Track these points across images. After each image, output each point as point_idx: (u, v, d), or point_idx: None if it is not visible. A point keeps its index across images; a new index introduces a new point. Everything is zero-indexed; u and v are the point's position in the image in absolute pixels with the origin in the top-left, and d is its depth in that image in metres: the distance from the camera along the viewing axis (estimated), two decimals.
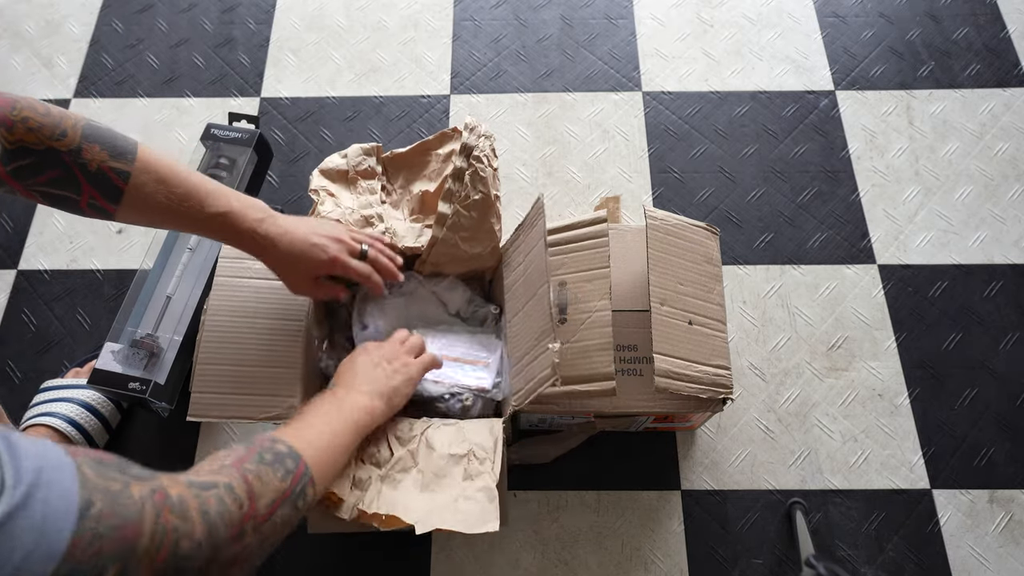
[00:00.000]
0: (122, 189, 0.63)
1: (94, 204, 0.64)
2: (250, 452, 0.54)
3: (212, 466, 0.51)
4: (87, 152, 0.61)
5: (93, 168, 0.62)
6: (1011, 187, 1.13)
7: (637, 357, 0.82)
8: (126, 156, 0.63)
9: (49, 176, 0.61)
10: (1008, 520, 0.91)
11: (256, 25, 1.29)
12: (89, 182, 0.62)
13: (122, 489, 0.39)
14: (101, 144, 0.62)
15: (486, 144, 0.81)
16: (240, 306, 0.81)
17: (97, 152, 0.62)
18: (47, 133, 0.60)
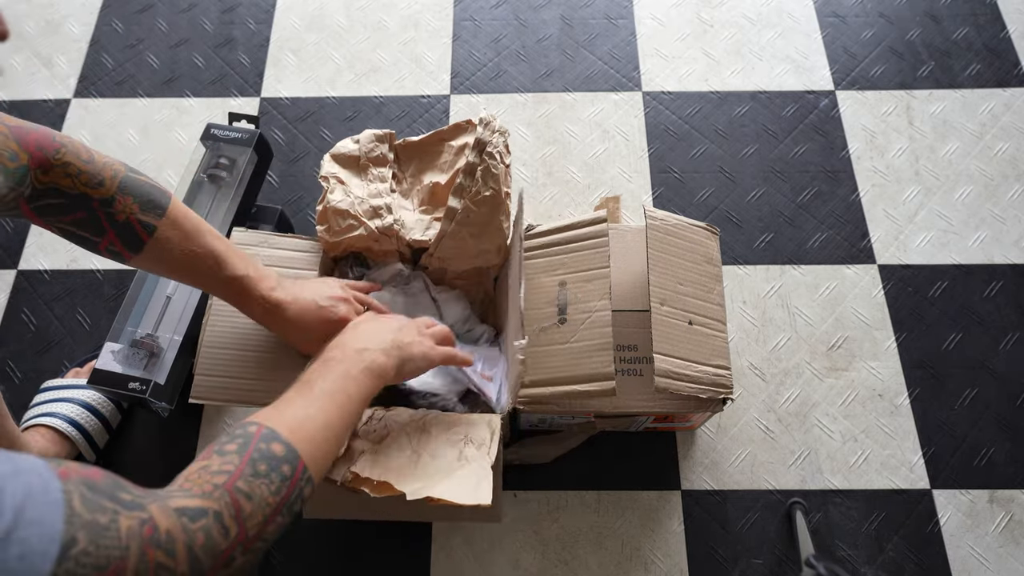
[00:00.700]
0: (145, 241, 0.64)
1: (112, 249, 0.65)
2: (244, 462, 0.50)
3: (204, 482, 0.48)
4: (119, 203, 0.62)
5: (121, 219, 0.63)
6: (1011, 187, 1.13)
7: (637, 357, 0.82)
8: (156, 210, 0.64)
9: (74, 217, 0.62)
10: (1008, 520, 0.91)
11: (256, 25, 1.29)
12: (113, 229, 0.63)
13: (109, 524, 0.38)
14: (135, 197, 0.63)
15: (499, 140, 0.81)
16: None
17: (129, 204, 0.63)
18: (85, 180, 0.60)
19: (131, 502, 0.40)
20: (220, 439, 0.53)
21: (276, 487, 0.51)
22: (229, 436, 0.53)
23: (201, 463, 0.49)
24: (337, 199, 0.85)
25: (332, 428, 0.59)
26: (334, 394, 0.61)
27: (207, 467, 0.49)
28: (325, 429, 0.58)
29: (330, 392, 0.61)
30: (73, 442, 0.88)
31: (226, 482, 0.48)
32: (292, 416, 0.57)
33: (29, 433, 0.86)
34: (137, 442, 0.96)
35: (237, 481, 0.48)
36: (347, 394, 0.62)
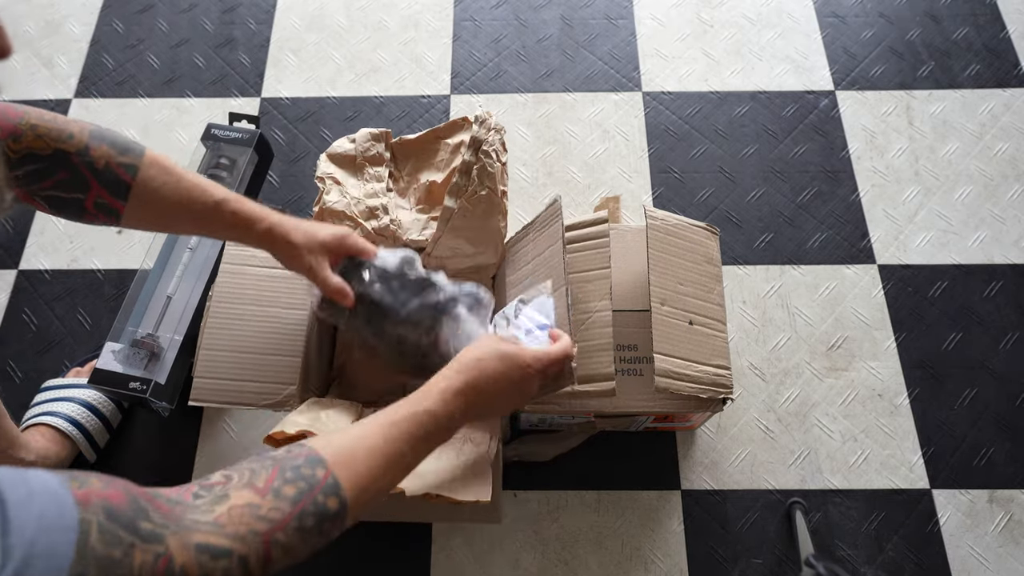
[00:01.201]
0: (129, 184, 0.63)
1: (101, 203, 0.63)
2: (294, 513, 0.46)
3: (242, 524, 0.44)
4: (95, 151, 0.62)
5: (101, 165, 0.62)
6: (1011, 187, 1.13)
7: (637, 357, 0.82)
8: (133, 152, 0.64)
9: (56, 179, 0.61)
10: (1008, 520, 0.91)
11: (256, 25, 1.29)
12: (97, 179, 0.62)
13: (122, 558, 0.36)
14: (108, 143, 0.63)
15: (496, 138, 0.81)
16: (245, 294, 0.82)
17: (105, 150, 0.62)
18: (55, 136, 0.60)
19: (150, 532, 0.38)
20: (284, 465, 0.48)
21: (313, 542, 0.49)
22: (295, 471, 0.48)
23: (252, 498, 0.45)
24: (333, 200, 0.85)
25: (386, 489, 0.56)
26: (412, 463, 0.58)
27: (256, 508, 0.45)
28: (383, 492, 0.55)
29: (411, 460, 0.58)
30: (74, 441, 0.88)
31: (268, 530, 0.45)
32: (367, 473, 0.52)
33: (29, 432, 0.86)
34: (137, 442, 0.96)
35: (278, 532, 0.45)
36: (421, 458, 0.59)
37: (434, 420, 0.58)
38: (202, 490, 0.45)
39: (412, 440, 0.57)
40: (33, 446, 0.84)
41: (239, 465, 0.49)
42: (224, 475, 0.47)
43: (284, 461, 0.49)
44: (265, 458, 0.50)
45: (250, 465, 0.48)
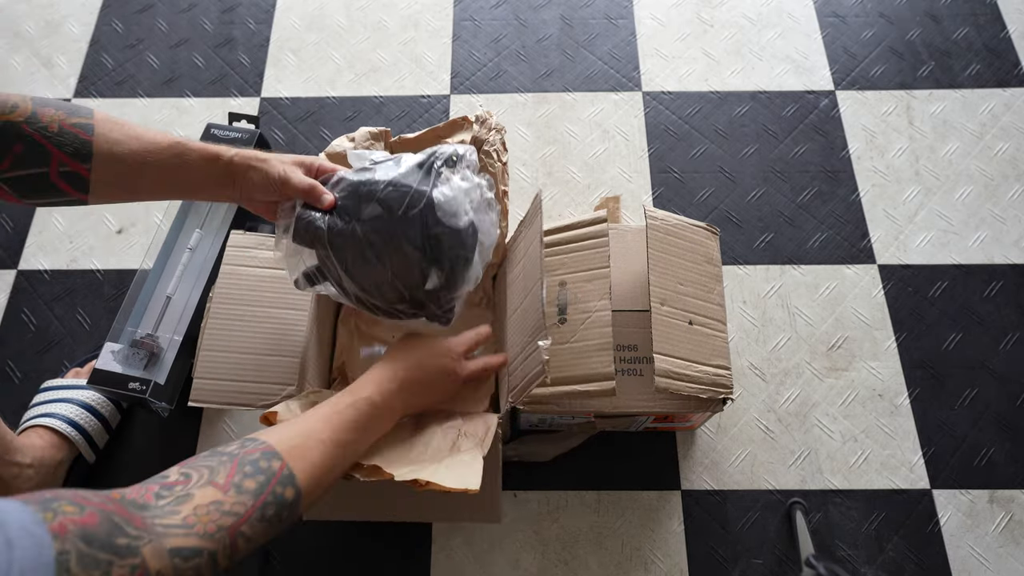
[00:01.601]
0: (90, 141, 0.60)
1: (65, 171, 0.60)
2: (256, 506, 0.50)
3: (210, 521, 0.46)
4: (44, 116, 0.59)
5: (55, 129, 0.59)
6: (1011, 187, 1.13)
7: (637, 357, 0.82)
8: (81, 112, 0.62)
9: (13, 154, 0.58)
10: (1008, 520, 0.91)
11: (256, 25, 1.29)
12: (55, 145, 0.59)
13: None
14: (54, 107, 0.60)
15: (496, 138, 0.81)
16: (245, 294, 0.82)
17: (53, 113, 0.60)
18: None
19: (126, 547, 0.40)
20: (242, 460, 0.51)
21: (275, 530, 0.52)
22: (253, 465, 0.52)
23: (216, 495, 0.48)
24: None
25: (338, 475, 0.61)
26: (358, 449, 0.64)
27: (220, 505, 0.48)
28: (334, 479, 0.60)
29: (357, 447, 0.63)
30: (73, 443, 0.88)
31: (232, 524, 0.48)
32: (318, 462, 0.57)
33: (27, 435, 0.86)
34: (137, 442, 0.96)
35: (243, 526, 0.48)
36: (366, 444, 0.65)
37: (374, 407, 0.65)
38: (163, 490, 0.47)
39: (356, 427, 0.63)
40: (29, 450, 0.83)
41: (195, 463, 0.51)
42: (183, 474, 0.49)
43: (241, 456, 0.52)
44: (221, 454, 0.52)
45: (207, 463, 0.51)
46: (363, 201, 0.68)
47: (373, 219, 0.68)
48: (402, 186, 0.68)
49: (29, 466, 0.82)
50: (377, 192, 0.68)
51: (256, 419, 0.97)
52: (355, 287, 0.71)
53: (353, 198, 0.69)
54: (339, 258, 0.69)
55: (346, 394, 0.65)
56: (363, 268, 0.69)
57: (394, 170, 0.70)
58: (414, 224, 0.67)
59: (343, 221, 0.69)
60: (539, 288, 0.72)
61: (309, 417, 0.61)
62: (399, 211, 0.67)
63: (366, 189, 0.69)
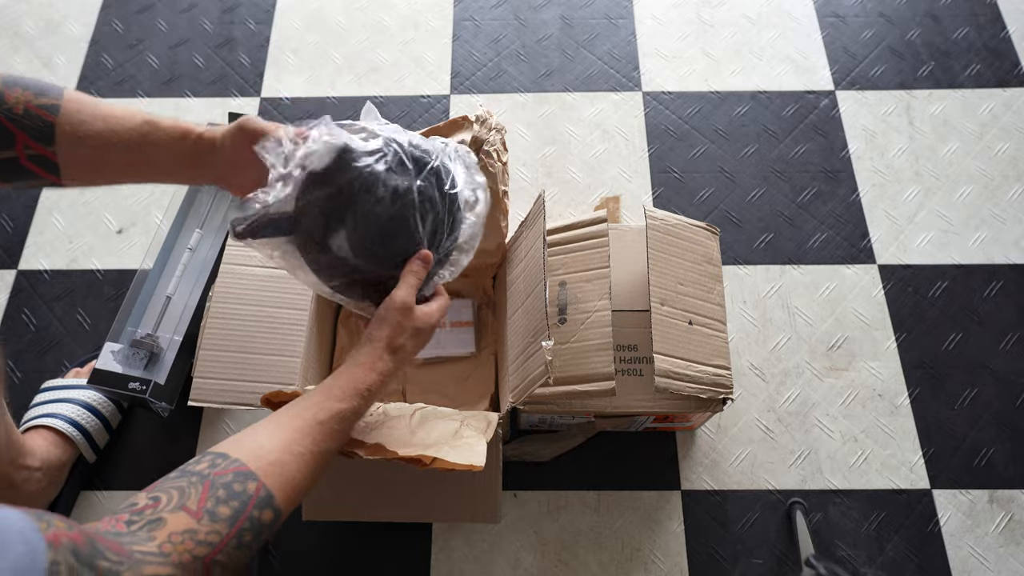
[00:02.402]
0: (53, 123, 0.58)
1: (32, 154, 0.58)
2: (232, 533, 0.47)
3: (185, 551, 0.45)
4: (10, 97, 0.57)
5: (20, 111, 0.57)
6: (1011, 187, 1.13)
7: (637, 357, 0.82)
8: (51, 92, 0.59)
9: None
10: (1008, 520, 0.91)
11: (256, 25, 1.29)
12: (18, 127, 0.57)
13: None
14: (23, 87, 0.58)
15: (496, 138, 0.81)
16: (245, 294, 0.82)
17: (20, 94, 0.58)
18: None
19: (108, 570, 0.39)
20: (214, 483, 0.49)
21: (252, 552, 0.50)
22: (226, 488, 0.49)
23: (189, 523, 0.46)
24: None
25: (317, 482, 0.58)
26: (328, 454, 0.59)
27: (194, 534, 0.46)
28: (312, 487, 0.57)
29: (338, 449, 0.60)
30: (74, 443, 0.88)
31: (207, 554, 0.46)
32: (298, 478, 0.54)
33: (31, 436, 0.86)
34: (137, 442, 0.96)
35: (218, 555, 0.47)
36: (336, 449, 0.61)
37: (357, 414, 0.61)
38: (134, 516, 0.45)
39: (339, 436, 0.59)
40: (38, 452, 0.83)
41: (163, 485, 0.48)
42: (151, 498, 0.47)
43: (213, 479, 0.49)
44: (190, 474, 0.50)
45: (176, 484, 0.48)
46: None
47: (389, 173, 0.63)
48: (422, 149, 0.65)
49: (38, 469, 0.82)
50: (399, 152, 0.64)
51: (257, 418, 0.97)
52: (342, 240, 0.63)
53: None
54: (340, 201, 0.62)
55: (329, 401, 0.59)
56: (361, 216, 0.63)
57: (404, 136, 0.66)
58: (433, 184, 0.64)
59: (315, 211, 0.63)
60: (541, 288, 0.73)
61: (288, 426, 0.56)
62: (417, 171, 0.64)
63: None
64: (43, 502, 0.86)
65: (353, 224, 0.63)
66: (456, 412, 0.77)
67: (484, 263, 0.89)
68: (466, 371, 0.93)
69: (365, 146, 0.64)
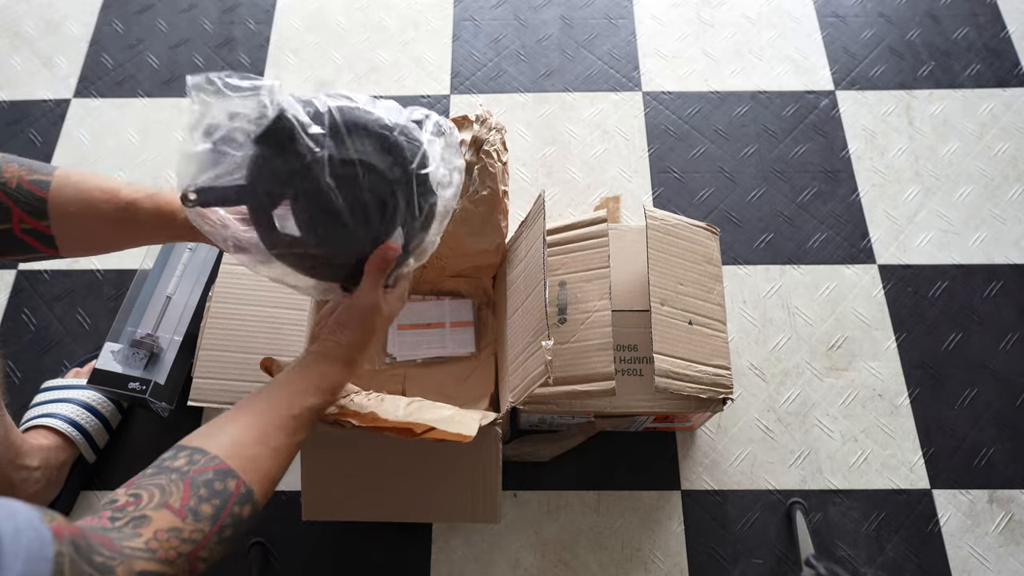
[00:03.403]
0: (44, 198, 0.61)
1: (27, 227, 0.61)
2: (214, 530, 0.49)
3: (171, 548, 0.46)
4: (6, 171, 0.61)
5: (13, 185, 0.61)
6: (1011, 187, 1.13)
7: (637, 357, 0.82)
8: (44, 170, 0.63)
9: None
10: (1008, 520, 0.91)
11: (256, 25, 1.29)
12: (12, 200, 0.60)
13: None
14: (17, 164, 0.62)
15: (496, 138, 0.81)
16: (245, 294, 0.82)
17: (16, 169, 0.61)
18: None
19: (102, 564, 0.41)
20: (195, 481, 0.50)
21: (232, 546, 0.52)
22: (207, 487, 0.50)
23: (174, 522, 0.47)
24: None
25: (284, 472, 0.59)
26: (300, 445, 0.61)
27: (179, 532, 0.47)
28: (281, 478, 0.58)
29: (299, 445, 0.60)
30: (74, 443, 0.88)
31: (192, 551, 0.48)
32: (274, 471, 0.56)
33: (31, 435, 0.86)
34: (137, 442, 0.96)
35: (202, 550, 0.49)
36: (307, 439, 0.62)
37: (328, 407, 0.63)
38: (116, 512, 0.47)
39: (309, 427, 0.61)
40: (37, 452, 0.83)
41: (142, 482, 0.50)
42: (131, 495, 0.48)
43: (192, 476, 0.51)
44: (169, 471, 0.51)
45: (156, 481, 0.50)
46: (353, 132, 0.59)
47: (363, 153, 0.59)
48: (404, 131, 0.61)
49: (37, 469, 0.82)
50: (372, 127, 0.60)
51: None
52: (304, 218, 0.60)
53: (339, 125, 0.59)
54: (304, 173, 0.58)
55: (303, 393, 0.60)
56: (321, 197, 0.59)
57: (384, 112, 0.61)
58: (403, 176, 0.61)
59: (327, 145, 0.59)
60: (542, 288, 0.73)
61: (261, 418, 0.57)
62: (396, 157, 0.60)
63: (359, 119, 0.60)
64: (42, 502, 0.86)
65: (300, 202, 0.59)
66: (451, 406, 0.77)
67: (484, 263, 0.89)
68: (466, 371, 0.93)
69: (311, 117, 0.59)
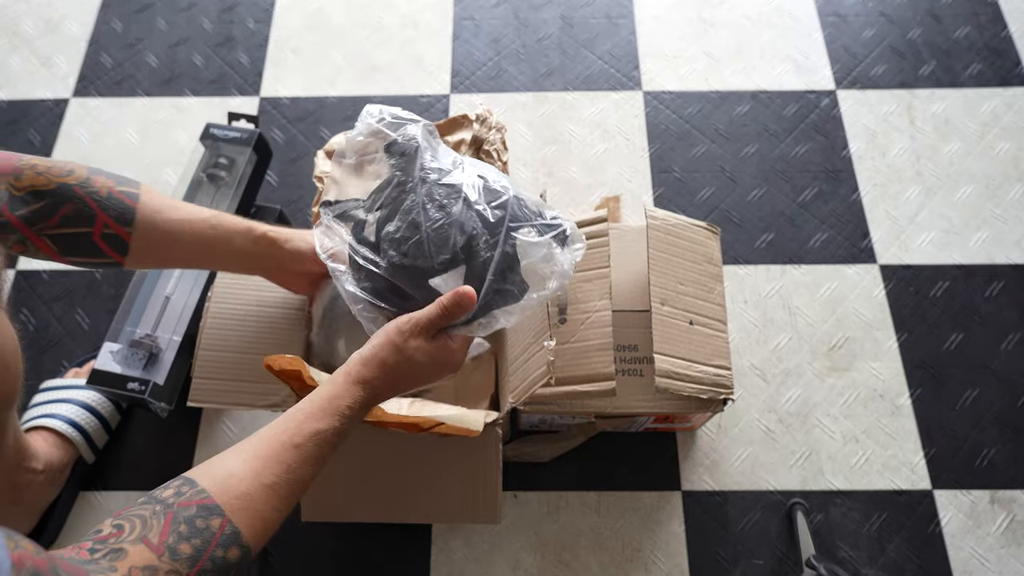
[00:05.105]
0: (134, 207, 0.65)
1: (108, 233, 0.65)
2: (195, 569, 0.45)
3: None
4: (96, 181, 0.65)
5: (104, 194, 0.64)
6: (1012, 187, 1.12)
7: (637, 357, 0.82)
8: (132, 183, 0.67)
9: (62, 214, 0.63)
10: (1009, 521, 0.91)
11: (255, 24, 1.29)
12: (102, 208, 0.64)
13: None
14: (106, 175, 0.66)
15: (496, 137, 0.80)
16: (245, 294, 0.82)
17: (105, 181, 0.65)
18: (56, 172, 0.63)
19: None
20: (177, 515, 0.46)
21: None
22: (189, 524, 0.46)
23: (150, 559, 0.44)
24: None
25: (293, 506, 0.54)
26: (318, 473, 0.55)
27: (154, 571, 0.43)
28: (288, 513, 0.53)
29: (317, 473, 0.55)
30: (73, 444, 0.88)
31: None
32: (268, 511, 0.50)
33: (32, 437, 0.86)
34: (136, 443, 0.96)
35: None
36: (316, 473, 0.56)
37: (339, 435, 0.56)
38: (97, 544, 0.44)
39: (318, 461, 0.54)
40: (41, 454, 0.83)
41: (128, 512, 0.47)
42: (115, 525, 0.46)
43: (176, 510, 0.47)
44: (155, 501, 0.48)
45: (139, 512, 0.47)
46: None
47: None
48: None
49: (41, 471, 0.82)
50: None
51: (256, 419, 0.97)
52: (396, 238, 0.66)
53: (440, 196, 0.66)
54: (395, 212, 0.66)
55: (308, 420, 0.55)
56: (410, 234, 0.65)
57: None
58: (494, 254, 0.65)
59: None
60: None
61: (260, 449, 0.53)
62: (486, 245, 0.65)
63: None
64: (43, 503, 0.86)
65: (399, 223, 0.66)
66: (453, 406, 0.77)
67: None
68: (466, 371, 0.92)
69: (442, 157, 0.69)
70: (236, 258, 0.72)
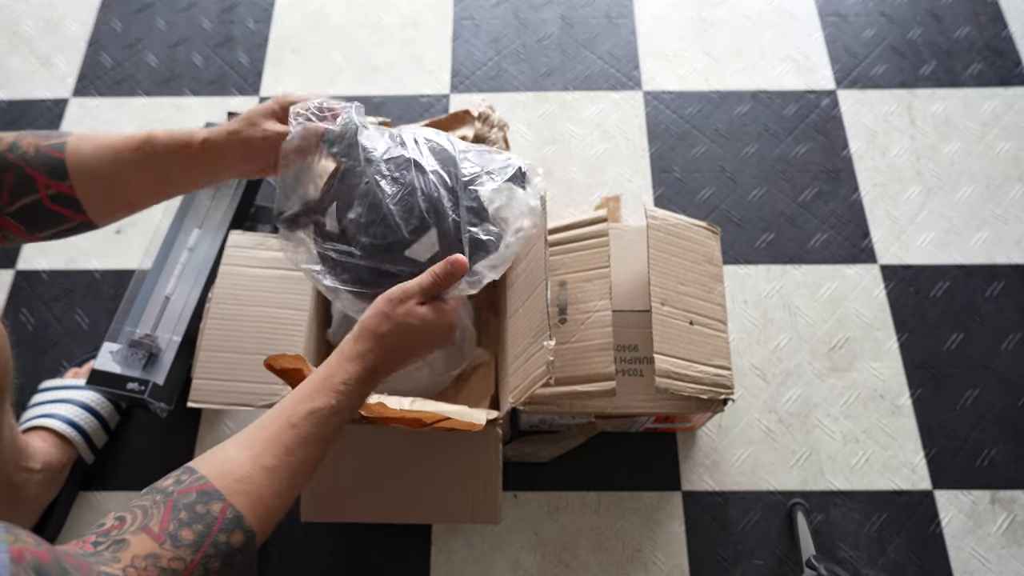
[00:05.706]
0: (62, 158, 0.61)
1: (53, 193, 0.61)
2: (197, 560, 0.44)
3: (150, 570, 0.43)
4: (23, 142, 0.61)
5: (32, 152, 0.61)
6: (1013, 187, 1.12)
7: (637, 357, 0.82)
8: (59, 135, 0.63)
9: (8, 188, 0.60)
10: (1010, 521, 0.91)
11: (255, 24, 1.29)
12: (33, 168, 0.60)
13: None
14: (32, 135, 0.62)
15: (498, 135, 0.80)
16: (245, 294, 0.81)
17: (31, 139, 0.62)
18: None
19: None
20: (177, 503, 0.46)
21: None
22: (189, 510, 0.46)
23: (152, 547, 0.43)
24: None
25: (299, 490, 0.54)
26: (321, 456, 0.55)
27: (157, 559, 0.43)
28: (294, 498, 0.53)
29: (320, 455, 0.54)
30: (73, 444, 0.88)
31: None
32: (269, 494, 0.50)
33: (31, 437, 0.86)
34: (136, 443, 0.95)
35: None
36: (331, 445, 0.57)
37: (338, 413, 0.55)
38: (100, 537, 0.44)
39: (318, 441, 0.54)
40: (39, 454, 0.83)
41: (131, 504, 0.47)
42: (117, 518, 0.46)
43: (176, 498, 0.47)
44: (156, 491, 0.47)
45: (141, 503, 0.46)
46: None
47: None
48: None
49: (39, 471, 0.82)
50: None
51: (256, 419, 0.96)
52: (354, 220, 0.67)
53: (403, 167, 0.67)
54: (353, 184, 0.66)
55: (305, 401, 0.55)
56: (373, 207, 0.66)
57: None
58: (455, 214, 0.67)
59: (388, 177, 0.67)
60: (543, 288, 0.72)
61: (258, 433, 0.53)
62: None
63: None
64: (42, 503, 0.86)
65: (358, 208, 0.66)
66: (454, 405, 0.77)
67: None
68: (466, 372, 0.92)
69: (380, 134, 0.69)
70: (187, 179, 0.67)
